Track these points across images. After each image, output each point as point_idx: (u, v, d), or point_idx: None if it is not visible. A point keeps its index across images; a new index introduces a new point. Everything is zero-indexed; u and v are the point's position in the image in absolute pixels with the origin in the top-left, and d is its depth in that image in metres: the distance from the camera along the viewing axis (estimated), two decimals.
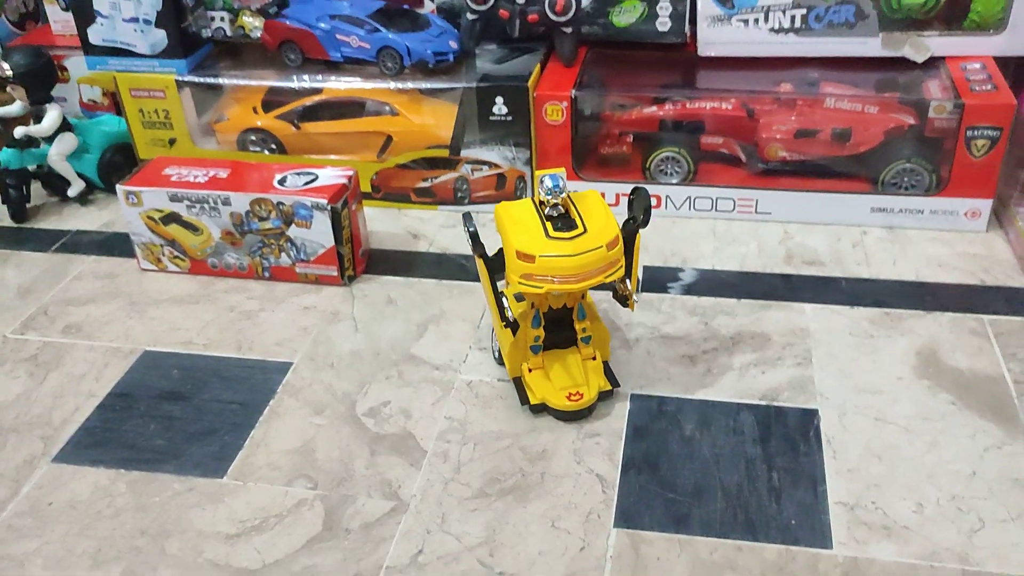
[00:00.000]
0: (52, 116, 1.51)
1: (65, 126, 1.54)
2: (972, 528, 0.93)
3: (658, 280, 1.33)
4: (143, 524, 0.98)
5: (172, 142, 1.60)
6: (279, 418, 1.12)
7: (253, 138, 1.57)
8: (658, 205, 1.48)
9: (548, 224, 1.00)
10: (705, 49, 1.49)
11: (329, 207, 1.28)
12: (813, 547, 0.92)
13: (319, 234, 1.31)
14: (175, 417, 1.13)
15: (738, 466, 1.01)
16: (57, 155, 1.53)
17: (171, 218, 1.35)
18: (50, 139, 1.53)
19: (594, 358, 1.11)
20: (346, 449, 1.06)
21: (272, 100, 1.55)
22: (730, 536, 0.93)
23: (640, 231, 1.05)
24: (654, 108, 1.50)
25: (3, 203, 1.54)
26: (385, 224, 1.51)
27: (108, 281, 1.40)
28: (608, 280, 1.00)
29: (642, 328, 1.23)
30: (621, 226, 1.03)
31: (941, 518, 0.94)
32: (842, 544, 0.92)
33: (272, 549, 0.95)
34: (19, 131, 1.50)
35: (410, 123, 1.51)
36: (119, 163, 1.60)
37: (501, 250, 1.05)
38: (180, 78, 1.55)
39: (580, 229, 0.99)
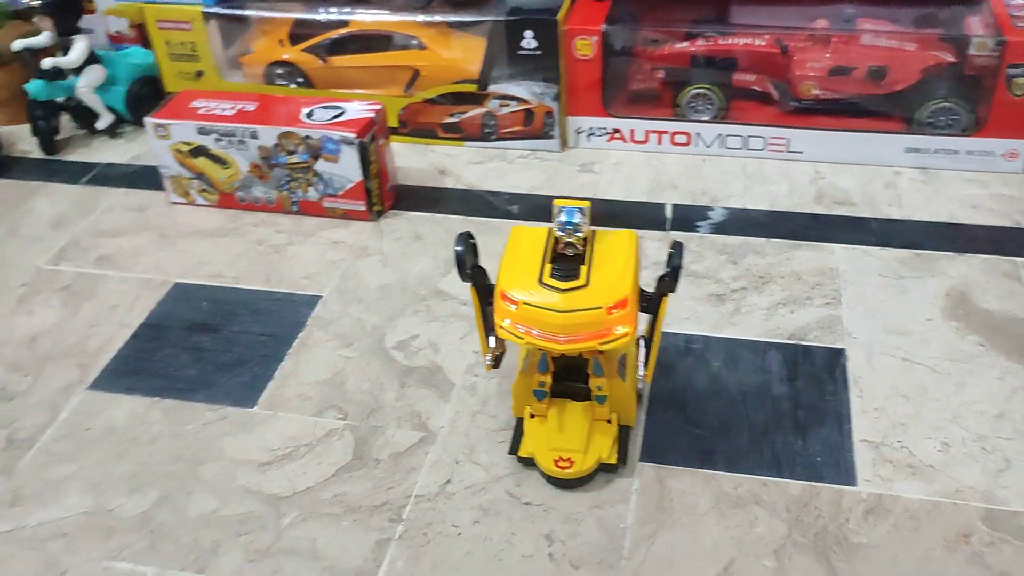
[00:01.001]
0: (80, 47, 1.51)
1: (93, 58, 1.53)
2: (997, 468, 0.93)
3: (687, 219, 1.32)
4: (178, 450, 1.01)
5: (199, 75, 1.59)
6: (308, 350, 1.13)
7: (280, 71, 1.56)
8: (688, 143, 1.47)
9: (548, 267, 0.85)
10: None
11: (357, 141, 1.28)
12: (837, 484, 0.92)
13: (347, 168, 1.31)
14: (206, 348, 1.14)
15: (764, 404, 1.02)
16: (85, 87, 1.53)
17: (199, 151, 1.36)
18: (78, 71, 1.53)
19: (609, 421, 0.94)
20: (376, 381, 1.08)
21: (299, 33, 1.54)
22: (755, 472, 0.94)
23: (668, 295, 0.89)
24: (686, 44, 1.47)
25: (33, 134, 1.55)
26: (412, 160, 1.50)
27: (138, 214, 1.41)
28: (604, 348, 0.84)
29: None
30: (656, 283, 0.88)
31: (966, 458, 0.94)
32: (867, 481, 0.92)
33: (303, 477, 0.97)
34: (47, 62, 1.50)
35: (438, 57, 1.49)
36: (147, 96, 1.60)
37: None
38: (206, 10, 1.53)
39: (581, 281, 0.83)
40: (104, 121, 1.58)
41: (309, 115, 1.32)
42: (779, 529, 0.88)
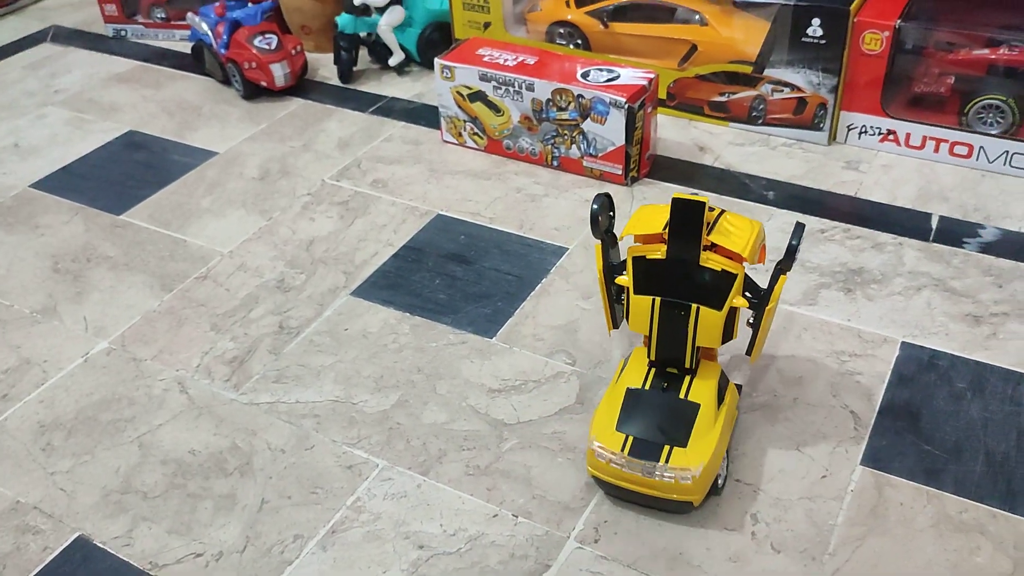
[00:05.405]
0: None
1: (396, 0, 1.66)
2: None
3: (953, 233, 1.25)
4: (420, 363, 1.10)
5: (486, 26, 1.68)
6: (549, 296, 1.19)
7: (561, 31, 1.62)
8: (969, 155, 1.38)
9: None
10: None
11: (627, 106, 1.31)
12: None
13: (612, 131, 1.35)
14: (457, 277, 1.23)
15: (1008, 435, 0.96)
16: (386, 25, 1.67)
17: (477, 96, 1.44)
18: (382, 10, 1.66)
19: None
20: (606, 335, 1.12)
21: None
22: (986, 501, 0.90)
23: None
24: (986, 51, 1.38)
25: (335, 63, 1.70)
26: (673, 133, 1.52)
27: (413, 147, 1.52)
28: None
29: (926, 278, 1.17)
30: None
31: None
32: None
33: (527, 409, 1.03)
34: None
35: (718, 35, 1.49)
36: (436, 40, 1.72)
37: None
38: None
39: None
40: (396, 58, 1.71)
41: (584, 75, 1.37)
42: (1003, 565, 0.84)
